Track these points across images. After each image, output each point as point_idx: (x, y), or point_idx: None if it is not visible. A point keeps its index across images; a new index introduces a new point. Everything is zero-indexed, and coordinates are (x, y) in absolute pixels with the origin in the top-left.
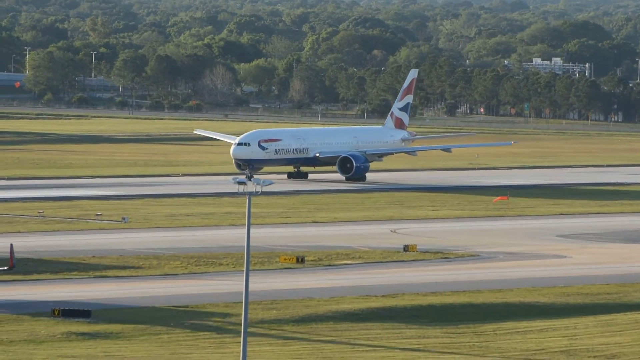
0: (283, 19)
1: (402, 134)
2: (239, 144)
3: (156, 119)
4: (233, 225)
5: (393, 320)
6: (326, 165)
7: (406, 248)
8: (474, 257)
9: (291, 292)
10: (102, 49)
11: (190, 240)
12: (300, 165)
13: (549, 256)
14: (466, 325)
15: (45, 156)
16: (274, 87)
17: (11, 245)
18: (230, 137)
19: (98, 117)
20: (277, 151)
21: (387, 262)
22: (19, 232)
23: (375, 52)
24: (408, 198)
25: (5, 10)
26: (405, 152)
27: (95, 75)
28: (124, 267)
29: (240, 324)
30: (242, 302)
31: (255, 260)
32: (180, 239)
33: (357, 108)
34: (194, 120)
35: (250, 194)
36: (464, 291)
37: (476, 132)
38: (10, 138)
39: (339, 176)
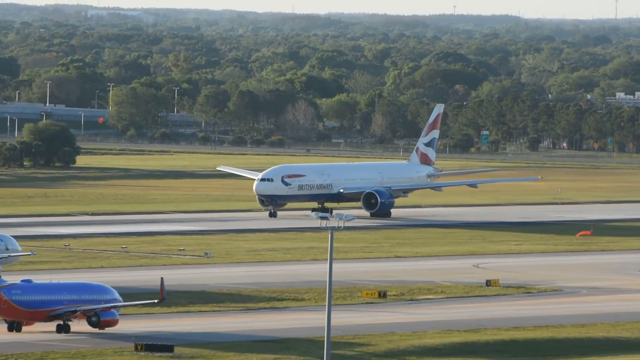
0: (365, 54)
1: (428, 169)
2: (262, 179)
3: (239, 154)
4: (315, 260)
5: (476, 355)
6: (350, 201)
7: (488, 283)
8: (557, 292)
9: (373, 327)
10: (185, 85)
11: (273, 275)
12: (324, 201)
13: (632, 291)
14: None
15: (128, 191)
16: (356, 122)
17: (162, 278)
18: (253, 173)
19: (180, 152)
20: (300, 187)
21: (469, 296)
22: (102, 267)
23: (457, 86)
24: (490, 232)
25: (89, 47)
26: (431, 188)
27: (177, 111)
28: (207, 302)
29: (323, 359)
30: (324, 337)
31: (337, 295)
32: (262, 273)
33: (440, 143)
34: (277, 155)
35: (333, 228)
36: (547, 326)
37: (559, 166)
38: (94, 174)
39: (363, 212)
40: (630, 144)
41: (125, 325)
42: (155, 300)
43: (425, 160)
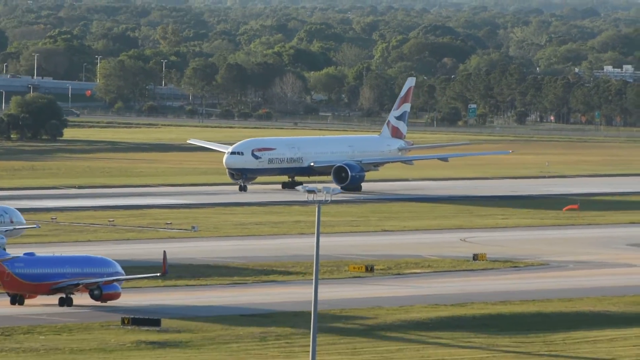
0: (353, 27)
1: (399, 143)
2: (232, 153)
3: (226, 127)
4: (302, 233)
5: (462, 329)
6: (321, 174)
7: (475, 257)
8: (544, 266)
9: (360, 301)
10: (173, 58)
11: (260, 248)
12: (294, 174)
13: (619, 265)
14: (536, 334)
15: (115, 164)
16: (343, 95)
17: (164, 252)
18: (224, 146)
19: (168, 125)
20: (270, 160)
21: (456, 271)
22: (90, 240)
23: (446, 60)
24: (477, 207)
25: (77, 19)
26: (402, 162)
27: (165, 84)
28: (194, 276)
29: (309, 333)
30: (311, 311)
31: (324, 269)
32: (249, 247)
33: (427, 116)
34: (264, 128)
35: (320, 202)
36: (534, 300)
37: (546, 140)
38: (81, 147)
39: (334, 186)
40: (617, 117)
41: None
42: (158, 274)
43: (396, 133)
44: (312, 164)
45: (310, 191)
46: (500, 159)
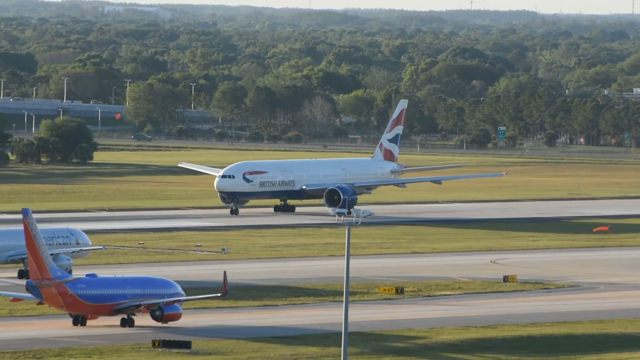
0: (382, 49)
1: (392, 165)
2: (223, 176)
3: (255, 150)
4: (332, 255)
5: (493, 351)
6: (313, 198)
7: (506, 279)
8: (574, 287)
9: (390, 323)
10: (202, 81)
11: (290, 271)
12: (286, 198)
13: None
14: (566, 356)
15: (145, 187)
16: (372, 118)
17: (224, 272)
18: (215, 170)
19: (197, 148)
20: (262, 184)
21: (486, 292)
22: (120, 263)
23: (474, 82)
24: (508, 229)
25: (106, 43)
26: (395, 184)
27: (194, 107)
28: (224, 298)
29: (340, 355)
30: (341, 333)
31: (354, 291)
32: (280, 269)
33: (456, 138)
34: (293, 151)
35: (350, 224)
36: (564, 322)
37: (576, 162)
38: (111, 170)
39: (326, 209)
40: None
41: (143, 321)
42: (219, 294)
43: (389, 156)
44: (304, 187)
45: (340, 213)
46: (530, 181)
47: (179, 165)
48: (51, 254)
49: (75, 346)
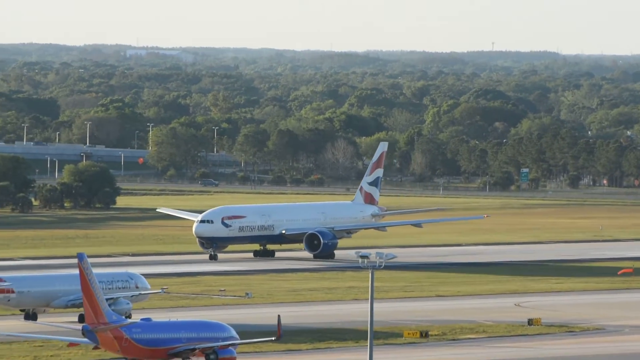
0: (404, 91)
1: (372, 209)
2: (202, 221)
3: (278, 193)
4: (356, 299)
5: None
6: (293, 242)
7: (530, 322)
8: (599, 330)
9: None
10: (224, 124)
11: (314, 315)
12: (266, 242)
13: None
14: None
15: (168, 232)
16: (395, 160)
17: (279, 316)
18: (193, 214)
19: (220, 192)
20: (241, 228)
21: (511, 336)
22: (143, 308)
23: (497, 124)
24: (531, 271)
25: (128, 87)
26: (375, 228)
27: (217, 151)
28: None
29: None
30: None
31: (379, 334)
32: (303, 314)
33: (479, 180)
34: (316, 194)
35: (373, 267)
36: None
37: (599, 204)
38: (134, 214)
39: (307, 254)
40: None
41: None
42: (273, 338)
43: (369, 199)
44: (283, 231)
45: (363, 256)
46: (554, 223)
47: (157, 210)
48: (110, 298)
49: None
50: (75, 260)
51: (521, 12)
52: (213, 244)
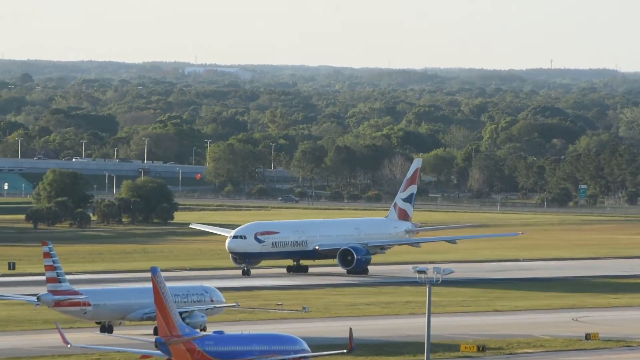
0: (462, 108)
1: (406, 225)
2: (235, 237)
3: (335, 209)
4: (413, 314)
5: None
6: (326, 258)
7: (588, 336)
8: None
9: None
10: (282, 141)
11: (371, 329)
12: (299, 258)
13: None
14: None
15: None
16: (453, 177)
17: (350, 329)
18: (226, 230)
19: (278, 207)
20: (274, 244)
21: (568, 350)
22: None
23: (555, 140)
24: (589, 286)
25: (186, 104)
26: (409, 244)
27: (274, 167)
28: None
29: None
30: None
31: (436, 349)
32: (360, 328)
33: (537, 197)
34: (373, 210)
35: (431, 282)
36: None
37: None
38: (192, 230)
39: (340, 269)
40: None
41: None
42: (344, 351)
43: (403, 215)
44: (317, 247)
45: (421, 271)
46: (612, 239)
47: (190, 226)
48: (185, 312)
49: None
50: (132, 275)
51: (580, 30)
52: (246, 260)
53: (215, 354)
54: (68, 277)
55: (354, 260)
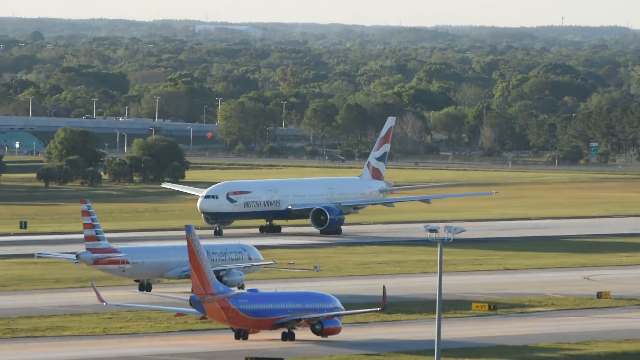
0: (473, 66)
1: (380, 184)
2: (207, 196)
3: (347, 167)
4: (425, 272)
5: None
6: (299, 218)
7: (599, 295)
8: None
9: (483, 340)
10: (293, 99)
11: (382, 288)
12: (272, 218)
13: None
14: None
15: None
16: (464, 135)
17: (384, 287)
18: (198, 190)
19: (289, 166)
20: (246, 204)
21: (580, 309)
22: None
23: (566, 98)
24: (601, 245)
25: (197, 62)
26: (383, 204)
27: (285, 125)
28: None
29: None
30: (434, 350)
31: (447, 307)
32: (371, 286)
33: (548, 155)
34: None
35: (442, 241)
36: None
37: None
38: (203, 188)
39: (313, 229)
40: None
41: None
42: (378, 309)
43: (376, 175)
44: (289, 207)
45: (432, 230)
46: (623, 197)
47: (162, 186)
48: (224, 270)
49: None
50: (143, 234)
51: None
52: (218, 220)
53: (249, 312)
54: (79, 236)
55: (327, 220)
